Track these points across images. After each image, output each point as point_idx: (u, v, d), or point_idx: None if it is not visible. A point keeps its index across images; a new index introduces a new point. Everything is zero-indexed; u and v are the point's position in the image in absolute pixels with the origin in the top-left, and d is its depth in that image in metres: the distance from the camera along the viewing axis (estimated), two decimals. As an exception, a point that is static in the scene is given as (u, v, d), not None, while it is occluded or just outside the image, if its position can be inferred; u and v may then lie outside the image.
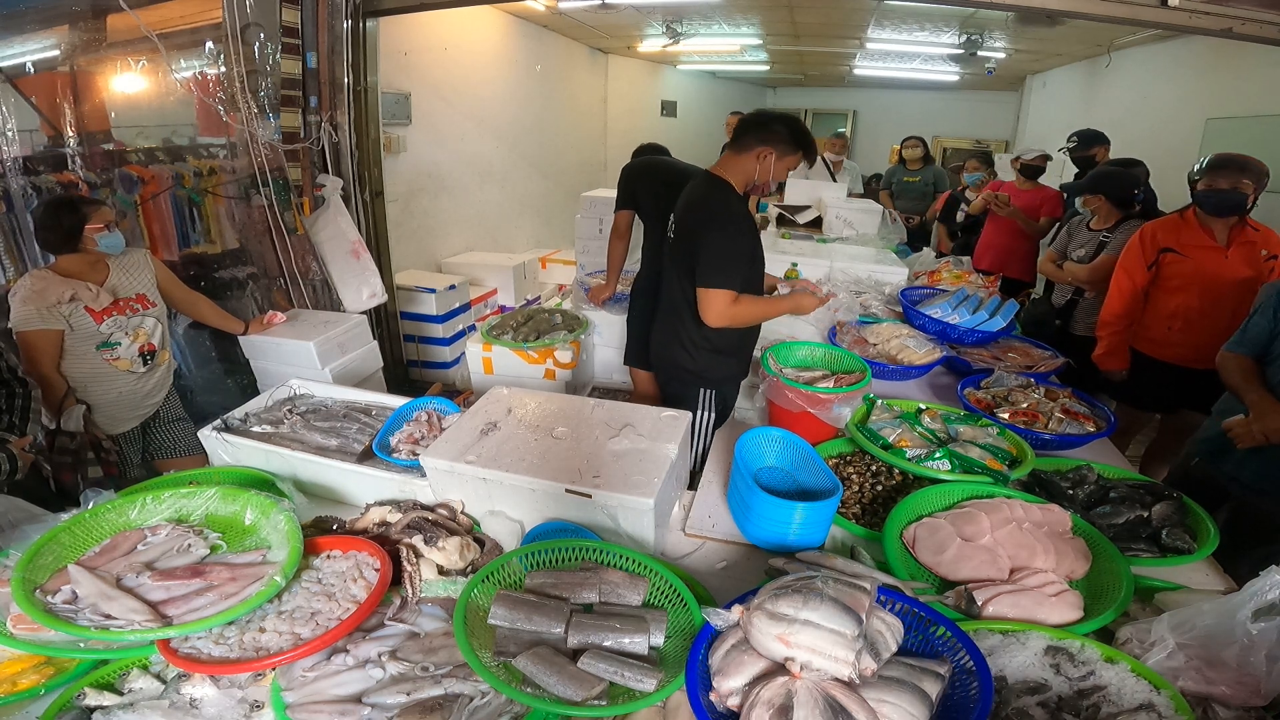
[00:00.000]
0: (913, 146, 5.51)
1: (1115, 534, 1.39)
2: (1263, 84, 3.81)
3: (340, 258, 3.30)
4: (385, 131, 3.86)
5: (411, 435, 1.57)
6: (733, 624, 0.99)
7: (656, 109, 9.13)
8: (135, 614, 1.03)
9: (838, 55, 7.47)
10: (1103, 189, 2.89)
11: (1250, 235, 2.31)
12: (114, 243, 2.11)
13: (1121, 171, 2.96)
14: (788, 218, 4.67)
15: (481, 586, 1.11)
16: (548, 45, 6.22)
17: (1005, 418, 1.83)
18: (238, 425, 1.66)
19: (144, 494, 1.30)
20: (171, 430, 2.40)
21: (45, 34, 2.67)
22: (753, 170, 1.88)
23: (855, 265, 3.31)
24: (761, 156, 1.85)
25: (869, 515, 1.50)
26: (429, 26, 4.37)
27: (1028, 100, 8.08)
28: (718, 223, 1.84)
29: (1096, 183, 2.93)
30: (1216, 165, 2.27)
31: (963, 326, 2.43)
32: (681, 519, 1.51)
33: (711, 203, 1.89)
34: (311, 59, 3.23)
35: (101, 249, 2.09)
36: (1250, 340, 1.81)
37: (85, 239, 2.05)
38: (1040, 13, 2.69)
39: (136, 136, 2.94)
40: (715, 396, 2.09)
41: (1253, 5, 2.44)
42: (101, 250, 2.09)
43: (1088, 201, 2.90)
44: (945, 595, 1.17)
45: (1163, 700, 0.95)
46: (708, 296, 1.83)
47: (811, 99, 11.39)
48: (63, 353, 2.06)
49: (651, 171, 2.71)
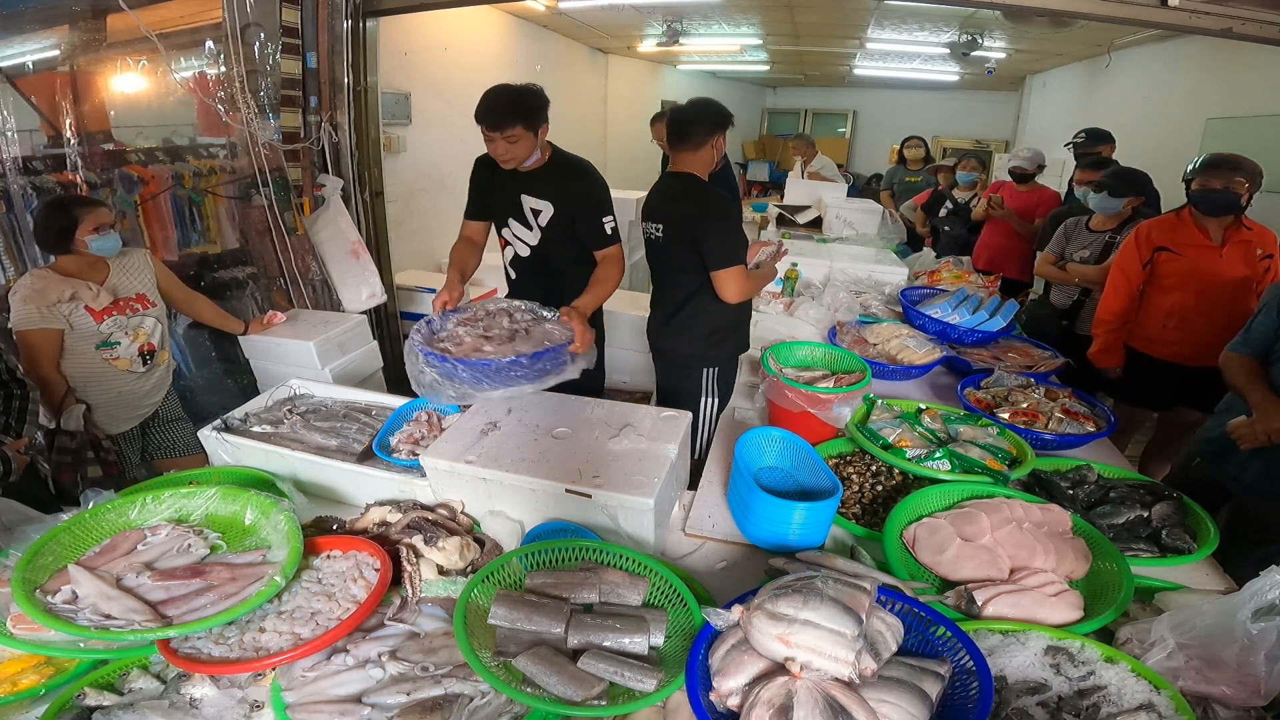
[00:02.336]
0: (914, 147, 5.51)
1: (1115, 534, 1.39)
2: (1263, 84, 3.81)
3: (340, 258, 3.31)
4: (385, 131, 3.86)
5: (411, 435, 1.57)
6: (733, 624, 0.99)
7: (656, 109, 9.11)
8: (135, 614, 1.03)
9: (838, 55, 7.47)
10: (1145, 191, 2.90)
11: (1245, 234, 2.32)
12: (106, 245, 2.07)
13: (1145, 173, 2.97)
14: (788, 218, 4.68)
15: (481, 586, 1.11)
16: (548, 45, 6.22)
17: (1005, 418, 1.83)
18: (238, 425, 1.66)
19: (144, 494, 1.30)
20: (171, 430, 2.40)
21: (45, 34, 2.66)
22: (711, 158, 2.08)
23: (855, 265, 3.31)
24: (716, 143, 2.06)
25: (869, 515, 1.50)
26: (429, 26, 4.37)
27: (1028, 100, 8.09)
28: (714, 213, 2.00)
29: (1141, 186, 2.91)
30: (1209, 165, 2.28)
31: (963, 326, 2.43)
32: (681, 519, 1.51)
33: (699, 198, 2.05)
34: (311, 59, 3.23)
35: (92, 251, 2.05)
36: (1254, 340, 1.81)
37: (77, 242, 2.02)
38: (1040, 13, 2.69)
39: (136, 136, 2.93)
40: (718, 375, 2.22)
41: (1253, 5, 2.44)
42: (93, 253, 2.06)
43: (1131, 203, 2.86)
44: (945, 595, 1.17)
45: (1163, 700, 0.95)
46: (725, 277, 1.99)
47: (811, 99, 11.41)
48: (62, 352, 2.06)
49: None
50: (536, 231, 2.15)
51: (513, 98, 1.91)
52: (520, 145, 1.94)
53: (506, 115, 1.89)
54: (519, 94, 1.93)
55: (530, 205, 2.11)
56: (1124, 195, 2.81)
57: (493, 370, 1.54)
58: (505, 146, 1.93)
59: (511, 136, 1.91)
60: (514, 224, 2.18)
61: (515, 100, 1.91)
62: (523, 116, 1.91)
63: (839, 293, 2.86)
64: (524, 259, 2.22)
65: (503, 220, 2.20)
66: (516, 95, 1.92)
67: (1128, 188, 2.84)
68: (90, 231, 2.03)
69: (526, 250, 2.20)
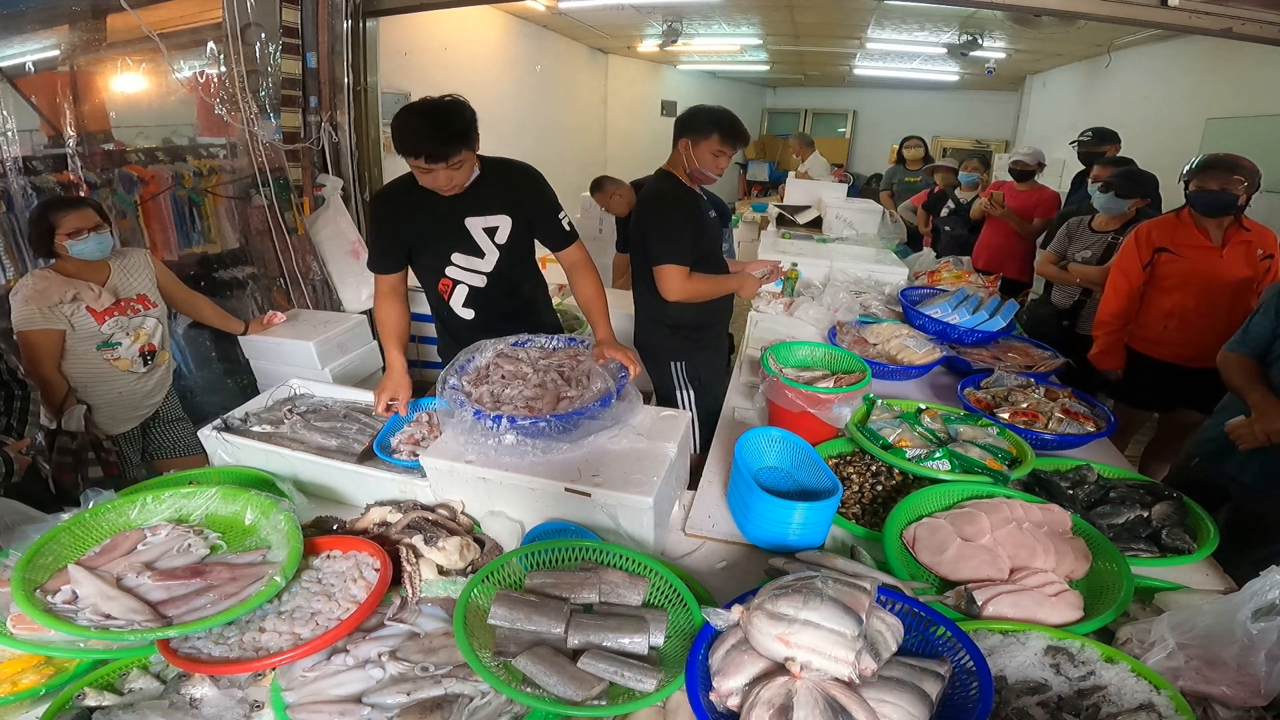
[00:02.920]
0: (913, 147, 5.51)
1: (1115, 534, 1.39)
2: (1263, 84, 3.81)
3: (340, 258, 3.31)
4: (385, 131, 3.86)
5: (412, 436, 1.57)
6: (733, 624, 0.99)
7: (656, 109, 9.15)
8: (135, 614, 1.03)
9: (838, 55, 7.48)
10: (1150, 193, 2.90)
11: (1245, 235, 2.31)
12: (88, 249, 2.00)
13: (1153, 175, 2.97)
14: (788, 218, 4.68)
15: (481, 586, 1.11)
16: (548, 45, 6.22)
17: (1005, 418, 1.83)
18: (238, 425, 1.66)
19: (144, 494, 1.29)
20: (171, 430, 2.40)
21: (45, 34, 2.66)
22: (681, 160, 2.09)
23: (855, 265, 3.31)
24: (684, 146, 2.07)
25: (869, 515, 1.50)
26: (429, 26, 4.37)
27: (1028, 100, 8.09)
28: (658, 206, 2.06)
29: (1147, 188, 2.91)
30: (1207, 166, 2.27)
31: (963, 326, 2.43)
32: (681, 519, 1.51)
33: (647, 193, 2.12)
34: (311, 59, 3.24)
35: (73, 255, 1.99)
36: (1252, 340, 1.81)
37: (56, 246, 1.97)
38: (1040, 13, 2.69)
39: (136, 136, 2.94)
40: (686, 369, 2.27)
41: (1253, 5, 2.44)
42: (73, 257, 1.99)
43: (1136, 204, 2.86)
44: (945, 595, 1.17)
45: (1163, 700, 0.95)
46: (662, 273, 2.03)
47: (811, 99, 11.41)
48: (63, 353, 2.06)
49: None
50: (493, 254, 1.85)
51: (446, 119, 1.60)
52: (464, 169, 1.67)
53: (450, 142, 1.59)
54: (448, 113, 1.61)
55: (482, 226, 1.81)
56: (1130, 196, 2.81)
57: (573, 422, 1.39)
58: (448, 175, 1.64)
59: (456, 163, 1.62)
60: (459, 258, 1.85)
61: (448, 121, 1.60)
62: (463, 138, 1.61)
63: (839, 293, 2.86)
64: (481, 291, 1.90)
65: (443, 259, 1.86)
66: (447, 115, 1.61)
67: (1135, 188, 2.83)
68: (69, 235, 1.97)
69: (482, 280, 1.88)
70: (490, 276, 1.88)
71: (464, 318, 1.95)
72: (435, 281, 1.92)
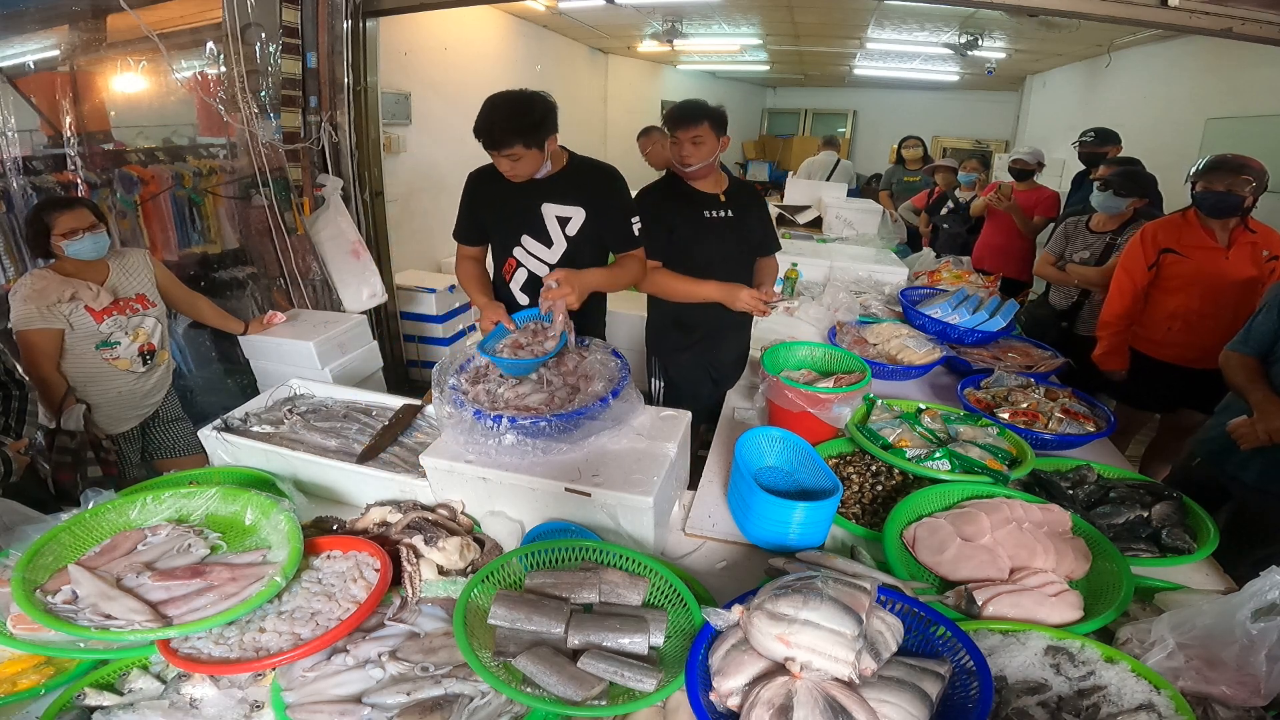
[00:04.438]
0: (912, 146, 5.52)
1: (1115, 534, 1.39)
2: (1263, 84, 3.81)
3: (340, 258, 3.31)
4: (385, 131, 3.86)
5: (517, 340, 1.64)
6: (733, 624, 0.99)
7: (656, 109, 9.12)
8: (135, 614, 1.03)
9: (838, 55, 7.47)
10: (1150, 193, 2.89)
11: (1251, 236, 2.31)
12: (84, 249, 2.00)
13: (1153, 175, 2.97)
14: (788, 218, 4.68)
15: (481, 586, 1.11)
16: (548, 45, 6.22)
17: (1005, 418, 1.83)
18: (238, 425, 1.66)
19: (144, 494, 1.30)
20: (171, 430, 2.40)
21: (45, 34, 2.66)
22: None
23: (855, 265, 3.31)
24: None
25: (869, 515, 1.50)
26: (429, 26, 4.37)
27: (1028, 100, 8.08)
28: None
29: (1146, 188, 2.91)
30: (1213, 167, 2.27)
31: (963, 326, 2.43)
32: (681, 519, 1.51)
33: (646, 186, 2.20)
34: (311, 59, 3.23)
35: (69, 256, 2.00)
36: (1255, 340, 1.81)
37: (53, 246, 1.98)
38: (1039, 12, 2.69)
39: (136, 136, 2.93)
40: (660, 365, 2.30)
41: (1253, 5, 2.44)
42: (70, 257, 2.00)
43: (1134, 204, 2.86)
44: (945, 595, 1.17)
45: (1163, 700, 0.95)
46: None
47: (811, 99, 11.40)
48: (62, 352, 2.06)
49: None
50: (561, 244, 1.92)
51: (511, 112, 1.70)
52: (524, 163, 1.75)
53: (506, 134, 1.69)
54: (517, 107, 1.71)
55: (557, 214, 1.89)
56: (1129, 195, 2.81)
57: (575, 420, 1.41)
58: (509, 164, 1.75)
59: (512, 155, 1.72)
60: (529, 241, 1.93)
61: (513, 115, 1.70)
62: (521, 134, 1.69)
63: (839, 293, 2.86)
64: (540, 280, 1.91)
65: (513, 239, 1.95)
66: (514, 109, 1.70)
67: (1134, 188, 2.83)
68: (64, 236, 1.97)
69: (544, 269, 1.93)
70: (553, 268, 1.92)
71: (520, 302, 2.02)
72: (503, 261, 2.01)
